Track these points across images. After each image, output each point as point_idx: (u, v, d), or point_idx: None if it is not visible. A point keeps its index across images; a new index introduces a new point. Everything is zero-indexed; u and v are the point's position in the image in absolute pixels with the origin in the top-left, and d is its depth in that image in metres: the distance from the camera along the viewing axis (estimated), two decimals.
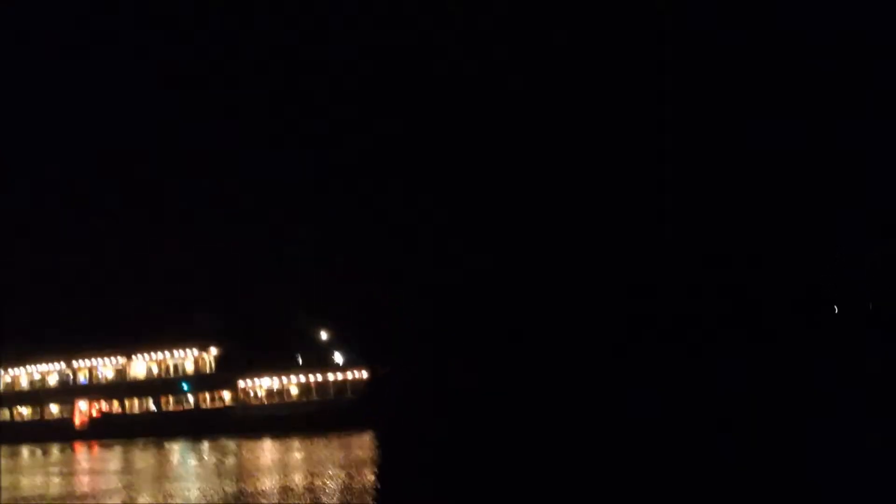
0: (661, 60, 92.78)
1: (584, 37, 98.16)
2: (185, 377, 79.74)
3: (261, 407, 75.83)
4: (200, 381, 78.81)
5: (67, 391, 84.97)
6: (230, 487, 37.82)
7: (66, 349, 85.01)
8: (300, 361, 77.25)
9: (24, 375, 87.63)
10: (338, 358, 76.99)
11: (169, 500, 35.26)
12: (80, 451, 69.76)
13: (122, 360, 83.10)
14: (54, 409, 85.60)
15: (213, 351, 79.07)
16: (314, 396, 74.73)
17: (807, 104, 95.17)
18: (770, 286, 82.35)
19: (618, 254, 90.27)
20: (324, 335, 78.06)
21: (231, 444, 63.01)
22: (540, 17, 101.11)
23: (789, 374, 43.72)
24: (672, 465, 24.82)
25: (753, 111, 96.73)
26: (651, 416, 33.77)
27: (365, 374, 74.44)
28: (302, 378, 75.71)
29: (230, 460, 52.64)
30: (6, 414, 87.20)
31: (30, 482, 46.42)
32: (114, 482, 44.14)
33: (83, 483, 45.31)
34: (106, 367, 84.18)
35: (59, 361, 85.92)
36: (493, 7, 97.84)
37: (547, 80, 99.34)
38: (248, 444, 61.33)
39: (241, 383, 76.81)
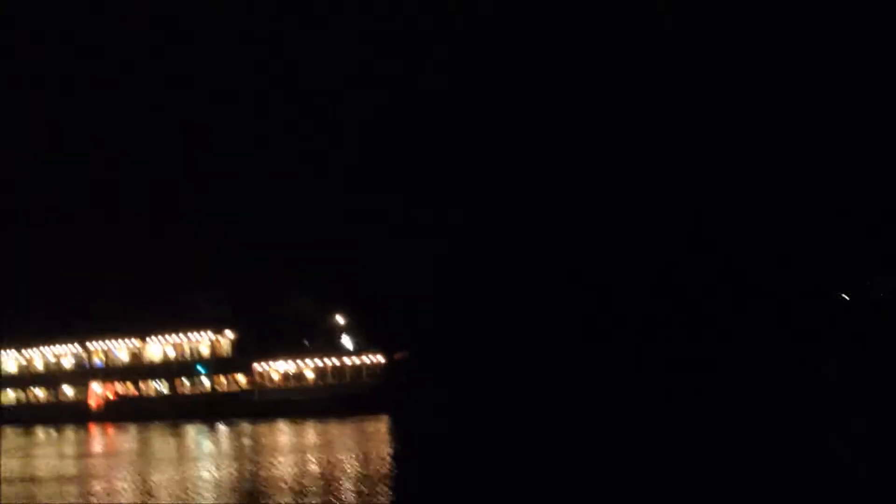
0: (661, 60, 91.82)
1: (581, 35, 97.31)
2: (201, 360, 79.50)
3: (277, 391, 75.48)
4: (216, 364, 78.56)
5: (82, 373, 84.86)
6: (248, 469, 37.45)
7: (82, 331, 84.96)
8: (307, 345, 76.74)
9: (39, 357, 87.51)
10: (346, 342, 76.43)
11: (185, 480, 34.85)
12: (95, 432, 69.56)
13: (137, 342, 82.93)
14: (69, 391, 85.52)
15: (229, 334, 78.82)
16: (330, 381, 74.34)
17: (808, 105, 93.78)
18: (777, 285, 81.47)
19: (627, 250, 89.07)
20: (334, 320, 77.58)
21: (247, 428, 62.67)
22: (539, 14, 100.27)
23: (791, 375, 42.98)
24: (673, 464, 24.13)
25: (753, 110, 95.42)
26: (660, 417, 33.11)
27: (381, 359, 73.94)
28: (318, 362, 75.35)
29: (246, 442, 52.26)
30: (21, 395, 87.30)
31: (44, 463, 46.17)
32: (129, 462, 43.81)
33: (99, 463, 44.99)
34: (121, 350, 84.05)
35: (74, 343, 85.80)
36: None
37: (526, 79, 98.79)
38: (263, 428, 60.96)
39: (256, 367, 76.49)
